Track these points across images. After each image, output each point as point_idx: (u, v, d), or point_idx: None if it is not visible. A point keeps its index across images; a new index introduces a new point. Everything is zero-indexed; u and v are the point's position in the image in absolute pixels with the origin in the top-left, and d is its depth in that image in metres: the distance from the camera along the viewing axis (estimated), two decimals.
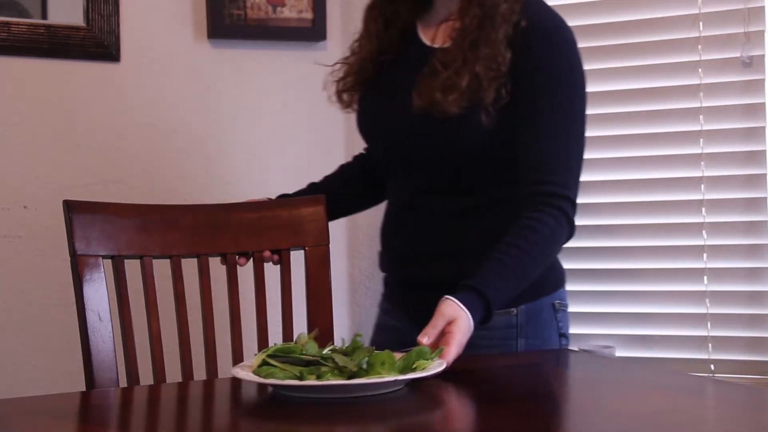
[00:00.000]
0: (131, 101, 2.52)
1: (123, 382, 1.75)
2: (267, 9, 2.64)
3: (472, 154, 1.74)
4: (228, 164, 2.62)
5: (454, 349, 1.52)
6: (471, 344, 1.56)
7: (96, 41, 2.46)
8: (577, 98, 1.74)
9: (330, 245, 1.96)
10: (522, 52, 1.72)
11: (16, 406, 1.46)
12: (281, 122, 2.70)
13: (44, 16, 2.43)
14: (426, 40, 1.88)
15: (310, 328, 1.88)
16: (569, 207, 1.70)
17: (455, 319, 1.55)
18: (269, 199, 2.00)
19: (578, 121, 1.73)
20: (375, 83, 1.91)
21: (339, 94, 1.96)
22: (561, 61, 1.74)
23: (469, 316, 1.56)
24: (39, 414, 1.40)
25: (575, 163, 1.72)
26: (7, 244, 2.38)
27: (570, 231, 1.72)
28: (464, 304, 1.57)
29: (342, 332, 1.91)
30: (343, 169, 2.12)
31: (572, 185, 1.71)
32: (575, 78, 1.75)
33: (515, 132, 1.72)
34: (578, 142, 1.73)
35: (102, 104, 2.49)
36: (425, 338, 1.52)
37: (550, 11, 1.80)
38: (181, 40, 2.58)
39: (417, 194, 1.83)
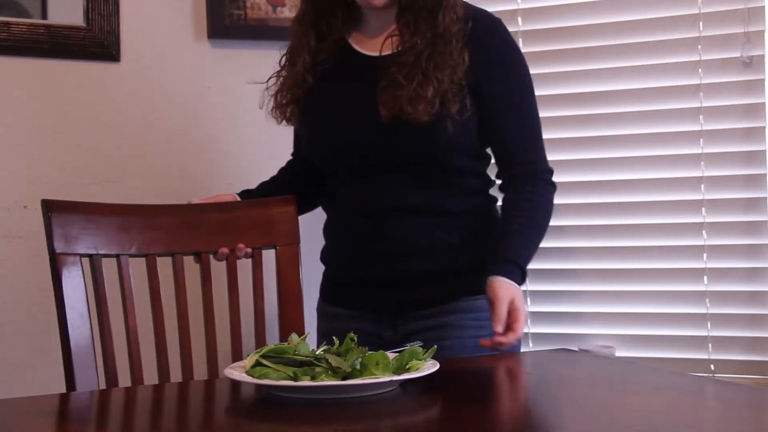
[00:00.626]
0: (131, 101, 2.52)
1: (102, 379, 1.78)
2: (267, 9, 2.64)
3: (445, 156, 1.86)
4: (228, 164, 2.62)
5: (521, 324, 1.70)
6: (461, 326, 1.75)
7: (96, 41, 2.46)
8: (530, 81, 1.94)
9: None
10: (476, 51, 1.86)
11: (16, 406, 1.46)
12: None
13: (44, 16, 2.43)
14: (367, 51, 1.93)
15: (281, 326, 1.92)
16: (551, 177, 1.94)
17: (514, 298, 1.72)
18: (235, 195, 2.05)
19: (534, 102, 1.94)
20: (318, 96, 1.94)
21: (281, 107, 1.98)
22: (512, 53, 1.93)
23: (518, 287, 1.76)
24: (39, 414, 1.40)
25: (541, 139, 1.94)
26: (7, 244, 2.38)
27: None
28: (510, 279, 1.76)
29: None
30: (285, 173, 2.15)
31: (545, 158, 1.94)
32: (524, 64, 1.94)
33: (485, 120, 1.87)
34: (539, 121, 1.94)
35: (102, 104, 2.49)
36: (499, 327, 1.68)
37: (483, 9, 1.96)
38: (181, 40, 2.58)
39: (394, 196, 1.88)
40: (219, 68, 2.61)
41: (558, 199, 2.58)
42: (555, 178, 1.95)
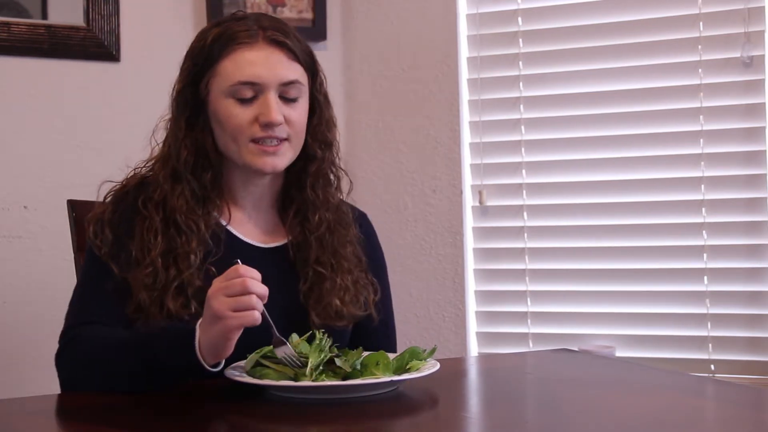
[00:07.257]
0: (131, 101, 2.52)
1: None
2: (267, 9, 2.64)
3: None
4: None
5: None
6: None
7: (96, 41, 2.46)
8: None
9: None
10: None
11: (16, 406, 1.46)
12: None
13: (44, 16, 2.43)
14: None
15: None
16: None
17: None
18: None
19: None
20: None
21: None
22: None
23: None
24: (39, 414, 1.40)
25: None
26: (7, 244, 2.38)
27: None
28: None
29: None
30: None
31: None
32: None
33: None
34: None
35: (102, 104, 2.49)
36: None
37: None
38: (181, 40, 2.57)
39: None
40: None
41: (558, 199, 2.60)
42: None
